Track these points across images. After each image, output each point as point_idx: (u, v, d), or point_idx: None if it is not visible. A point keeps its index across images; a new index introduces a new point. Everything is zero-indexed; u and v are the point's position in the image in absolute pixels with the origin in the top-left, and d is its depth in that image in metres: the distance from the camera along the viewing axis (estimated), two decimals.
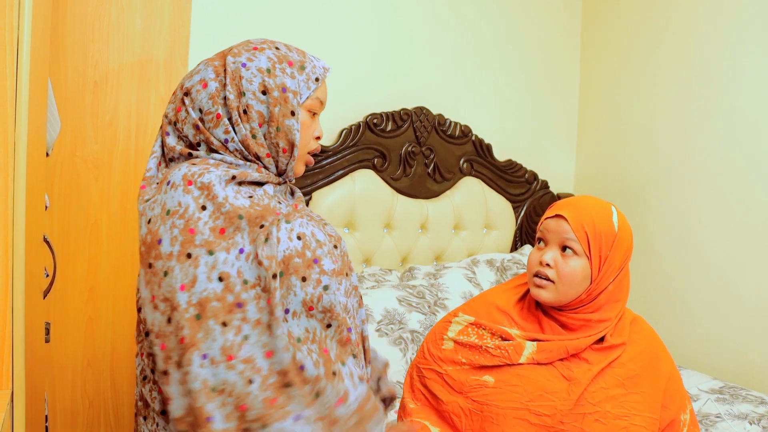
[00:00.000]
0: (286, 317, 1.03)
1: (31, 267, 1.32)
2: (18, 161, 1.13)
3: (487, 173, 2.87)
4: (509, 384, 1.29)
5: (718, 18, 2.56)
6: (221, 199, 1.03)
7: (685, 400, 1.37)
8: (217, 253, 1.00)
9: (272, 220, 1.04)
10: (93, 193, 1.97)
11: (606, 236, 1.31)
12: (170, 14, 2.01)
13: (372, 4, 2.66)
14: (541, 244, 1.37)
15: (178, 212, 1.02)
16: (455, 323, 1.41)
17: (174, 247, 1.01)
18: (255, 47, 1.14)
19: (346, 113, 2.60)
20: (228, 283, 1.00)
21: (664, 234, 2.76)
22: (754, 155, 2.44)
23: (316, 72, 1.18)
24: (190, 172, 1.06)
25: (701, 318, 2.61)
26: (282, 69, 1.13)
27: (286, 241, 1.04)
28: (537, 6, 3.04)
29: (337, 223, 2.52)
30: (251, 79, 1.11)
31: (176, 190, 1.04)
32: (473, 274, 2.59)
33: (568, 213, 1.32)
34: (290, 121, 1.12)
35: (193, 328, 0.98)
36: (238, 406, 0.97)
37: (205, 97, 1.11)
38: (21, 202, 1.16)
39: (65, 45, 1.89)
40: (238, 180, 1.08)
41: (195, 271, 0.99)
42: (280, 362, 0.99)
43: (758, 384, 2.38)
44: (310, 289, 1.04)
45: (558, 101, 3.14)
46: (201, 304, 0.98)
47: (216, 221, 1.02)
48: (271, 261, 1.01)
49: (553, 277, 1.31)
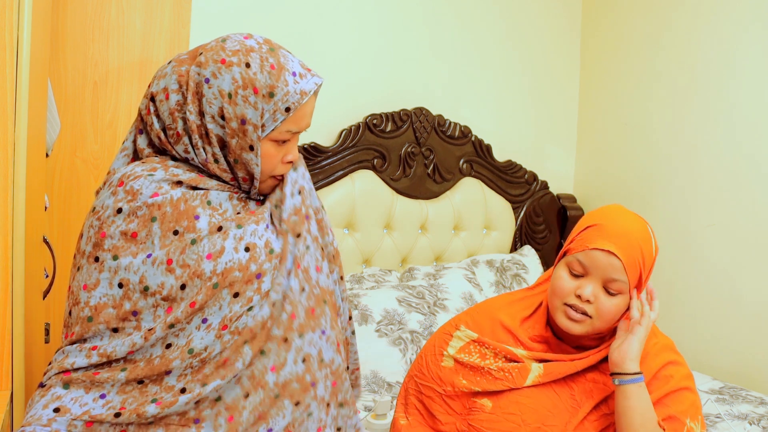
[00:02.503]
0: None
1: (31, 267, 1.32)
2: (18, 162, 1.13)
3: (486, 174, 2.87)
4: (506, 411, 1.23)
5: (718, 19, 2.56)
6: (140, 203, 1.02)
7: (696, 409, 1.27)
8: (121, 258, 1.01)
9: (187, 225, 1.03)
10: (93, 193, 1.95)
11: (648, 267, 1.23)
12: (170, 14, 2.01)
13: (372, 4, 2.66)
14: (577, 270, 1.23)
15: (99, 213, 1.05)
16: (456, 338, 1.33)
17: (87, 247, 1.04)
18: (223, 59, 1.03)
19: (345, 114, 2.60)
20: (127, 290, 1.01)
21: (664, 234, 2.76)
22: (754, 156, 2.44)
23: (288, 100, 1.04)
24: (128, 172, 1.05)
25: (701, 318, 2.61)
26: (244, 97, 1.02)
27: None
28: (537, 7, 3.04)
29: (337, 224, 2.52)
30: (212, 101, 1.03)
31: (108, 190, 1.06)
32: (473, 274, 2.59)
33: (621, 251, 1.20)
34: (248, 155, 1.04)
35: (83, 328, 1.02)
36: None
37: (166, 110, 1.06)
38: (21, 202, 1.16)
39: (65, 45, 1.89)
40: (186, 185, 1.05)
41: (98, 275, 1.02)
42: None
43: (758, 384, 2.38)
44: (236, 308, 1.03)
45: (558, 102, 3.14)
46: (96, 308, 1.01)
47: (129, 225, 1.02)
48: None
49: (591, 313, 1.21)
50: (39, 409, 0.98)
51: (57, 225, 1.92)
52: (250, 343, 1.03)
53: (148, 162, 1.07)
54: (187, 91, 1.04)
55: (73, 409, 0.98)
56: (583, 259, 1.22)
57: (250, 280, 1.03)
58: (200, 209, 1.05)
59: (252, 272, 1.04)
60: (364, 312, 2.24)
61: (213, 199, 1.07)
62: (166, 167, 1.06)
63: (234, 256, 1.03)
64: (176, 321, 1.00)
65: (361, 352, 2.11)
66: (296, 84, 1.05)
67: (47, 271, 1.65)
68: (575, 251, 1.24)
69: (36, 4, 1.21)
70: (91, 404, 0.99)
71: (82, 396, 1.00)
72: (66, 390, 1.00)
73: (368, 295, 2.31)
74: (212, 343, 1.02)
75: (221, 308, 1.02)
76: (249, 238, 1.05)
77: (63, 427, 0.97)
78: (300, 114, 1.07)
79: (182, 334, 1.02)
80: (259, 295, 1.04)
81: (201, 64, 1.04)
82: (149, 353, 1.01)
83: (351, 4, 2.61)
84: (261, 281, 1.04)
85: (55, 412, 0.98)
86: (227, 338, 1.02)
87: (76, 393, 1.00)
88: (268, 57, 1.04)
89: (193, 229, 1.03)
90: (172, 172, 1.05)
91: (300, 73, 1.07)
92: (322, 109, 2.52)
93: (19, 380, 1.18)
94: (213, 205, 1.06)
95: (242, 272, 1.03)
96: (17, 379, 1.17)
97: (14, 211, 1.12)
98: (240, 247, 1.04)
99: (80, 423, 0.98)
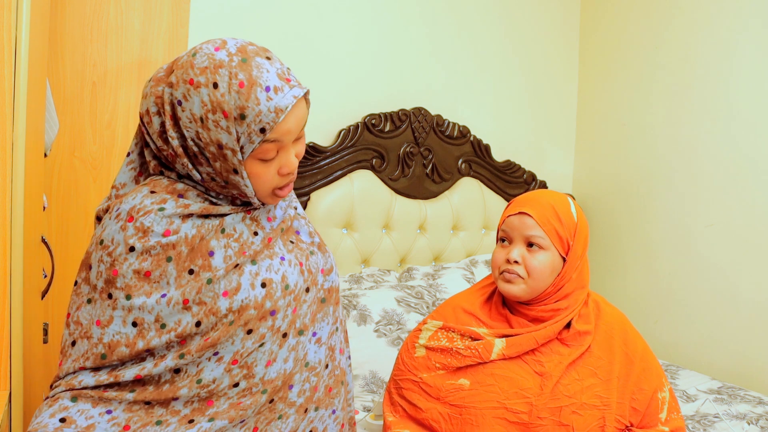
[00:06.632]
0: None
1: (30, 268, 1.32)
2: (16, 162, 1.13)
3: (485, 174, 2.87)
4: (484, 384, 1.31)
5: (716, 19, 2.56)
6: (153, 242, 1.00)
7: (661, 378, 1.38)
8: (135, 298, 1.00)
9: (202, 264, 1.02)
10: (91, 193, 1.96)
11: (568, 227, 1.35)
12: (168, 15, 2.01)
13: (371, 4, 2.66)
14: (505, 243, 1.39)
15: (109, 248, 1.01)
16: (425, 330, 1.43)
17: (98, 282, 1.02)
18: (191, 80, 0.96)
19: (344, 114, 2.60)
20: (141, 328, 1.00)
21: (662, 234, 2.76)
22: (753, 156, 2.44)
23: (261, 120, 0.95)
24: (138, 206, 1.01)
25: (699, 318, 2.61)
26: (215, 122, 0.95)
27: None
28: (535, 7, 3.04)
29: (336, 224, 2.53)
30: (187, 126, 0.98)
31: (116, 223, 1.01)
32: (472, 274, 2.59)
33: (530, 209, 1.34)
34: (235, 178, 1.00)
35: (96, 364, 1.01)
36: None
37: (155, 133, 1.03)
38: (19, 202, 1.16)
39: (63, 45, 1.89)
40: (196, 215, 1.03)
41: (112, 312, 1.00)
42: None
43: (756, 384, 2.38)
44: (248, 344, 1.04)
45: (556, 101, 3.14)
46: (110, 345, 1.00)
47: (142, 263, 1.00)
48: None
49: (522, 274, 1.34)
50: (45, 417, 0.98)
51: (55, 225, 1.92)
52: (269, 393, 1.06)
53: (158, 192, 1.03)
54: (164, 115, 1.00)
55: (79, 420, 0.98)
56: (505, 228, 1.38)
57: (264, 317, 1.03)
58: (214, 242, 1.03)
59: (266, 309, 1.04)
60: (362, 312, 2.24)
61: (227, 227, 1.04)
62: (176, 198, 1.03)
63: (250, 293, 1.02)
64: (188, 353, 1.01)
65: (360, 352, 2.12)
66: (269, 101, 0.95)
67: (45, 271, 1.65)
68: (499, 226, 1.40)
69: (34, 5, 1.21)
70: (97, 418, 0.99)
71: (89, 409, 1.00)
72: (74, 402, 1.00)
73: (367, 295, 2.31)
74: (221, 376, 1.03)
75: (233, 343, 1.02)
76: (265, 274, 1.05)
77: None
78: (281, 131, 0.98)
79: (192, 364, 1.02)
80: (271, 332, 1.04)
81: (172, 85, 0.99)
82: (157, 377, 1.02)
83: (350, 4, 2.61)
84: (275, 318, 1.05)
85: (61, 422, 0.98)
86: (236, 372, 1.03)
87: (84, 406, 1.00)
88: (237, 72, 0.95)
89: (208, 267, 1.01)
90: (183, 202, 1.03)
91: (275, 86, 0.96)
92: (321, 109, 2.53)
93: (17, 380, 1.18)
94: (227, 232, 1.04)
95: (257, 310, 1.03)
96: (15, 379, 1.17)
97: (13, 211, 1.12)
98: (257, 283, 1.03)
99: None
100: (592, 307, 1.40)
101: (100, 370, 1.02)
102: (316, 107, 2.49)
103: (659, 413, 1.35)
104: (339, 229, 2.54)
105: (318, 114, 2.53)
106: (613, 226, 2.96)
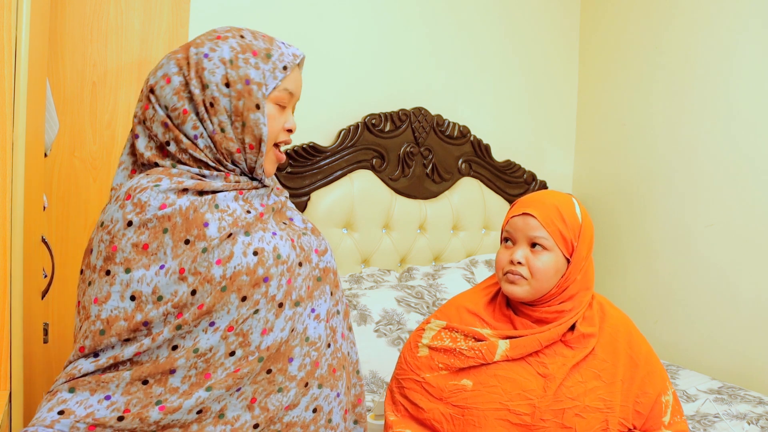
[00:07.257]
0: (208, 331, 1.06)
1: (30, 267, 1.32)
2: (16, 162, 1.13)
3: (485, 174, 2.87)
4: (487, 385, 1.31)
5: (716, 19, 2.56)
6: (149, 215, 1.04)
7: (665, 381, 1.38)
8: (134, 271, 1.02)
9: (197, 234, 1.05)
10: (91, 193, 1.96)
11: (572, 228, 1.34)
12: (168, 15, 2.01)
13: (371, 5, 2.66)
14: (509, 243, 1.38)
15: (108, 227, 1.05)
16: (428, 330, 1.42)
17: (98, 261, 1.05)
18: (218, 36, 1.10)
19: (344, 114, 2.60)
20: (139, 302, 1.02)
21: (663, 234, 2.76)
22: (753, 156, 2.44)
23: (283, 60, 1.11)
24: (134, 185, 1.06)
25: (699, 318, 2.61)
26: (245, 59, 1.08)
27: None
28: (535, 7, 3.04)
29: (336, 224, 2.53)
30: (214, 71, 1.07)
31: (115, 204, 1.06)
32: (472, 274, 2.59)
33: (534, 210, 1.34)
34: (255, 115, 1.08)
35: (96, 341, 1.03)
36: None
37: (170, 92, 1.08)
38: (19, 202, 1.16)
39: (63, 45, 1.89)
40: (192, 191, 1.07)
41: (109, 288, 1.03)
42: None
43: (756, 384, 2.38)
44: (243, 311, 1.06)
45: (556, 101, 3.14)
46: (108, 321, 1.02)
47: (140, 237, 1.03)
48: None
49: (526, 275, 1.33)
50: (44, 412, 1.00)
51: (55, 225, 1.92)
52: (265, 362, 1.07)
53: (152, 173, 1.08)
54: (189, 69, 1.08)
55: (78, 411, 0.99)
56: (508, 229, 1.37)
57: (257, 283, 1.06)
58: (209, 215, 1.06)
59: (259, 276, 1.06)
60: (363, 312, 2.24)
61: (220, 203, 1.08)
62: (170, 176, 1.07)
63: (242, 260, 1.05)
64: (184, 323, 1.02)
65: (360, 352, 2.11)
66: (288, 48, 1.14)
67: (45, 271, 1.65)
68: (503, 227, 1.40)
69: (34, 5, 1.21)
70: (96, 406, 1.00)
71: (87, 398, 1.01)
72: (71, 394, 1.01)
73: (367, 295, 2.31)
74: (217, 344, 1.04)
75: (229, 312, 1.05)
76: (257, 244, 1.08)
77: (66, 429, 0.98)
78: (295, 76, 1.14)
79: (189, 336, 1.04)
80: (265, 299, 1.06)
81: (197, 45, 1.10)
82: (155, 354, 1.03)
83: (350, 4, 2.61)
84: (268, 285, 1.07)
85: (59, 415, 0.99)
86: (232, 339, 1.04)
87: (82, 396, 1.01)
88: (257, 32, 1.14)
89: (203, 237, 1.04)
90: (177, 180, 1.06)
91: (286, 44, 1.15)
92: (321, 108, 2.54)
93: (17, 380, 1.18)
94: (221, 207, 1.08)
95: (249, 276, 1.05)
96: (15, 379, 1.17)
97: (13, 211, 1.12)
98: (249, 251, 1.06)
99: (83, 426, 0.98)
100: (597, 309, 1.39)
101: (99, 355, 1.03)
102: (316, 107, 2.49)
103: (663, 416, 1.34)
104: (339, 229, 2.54)
105: (318, 114, 2.53)
106: (613, 226, 2.96)
